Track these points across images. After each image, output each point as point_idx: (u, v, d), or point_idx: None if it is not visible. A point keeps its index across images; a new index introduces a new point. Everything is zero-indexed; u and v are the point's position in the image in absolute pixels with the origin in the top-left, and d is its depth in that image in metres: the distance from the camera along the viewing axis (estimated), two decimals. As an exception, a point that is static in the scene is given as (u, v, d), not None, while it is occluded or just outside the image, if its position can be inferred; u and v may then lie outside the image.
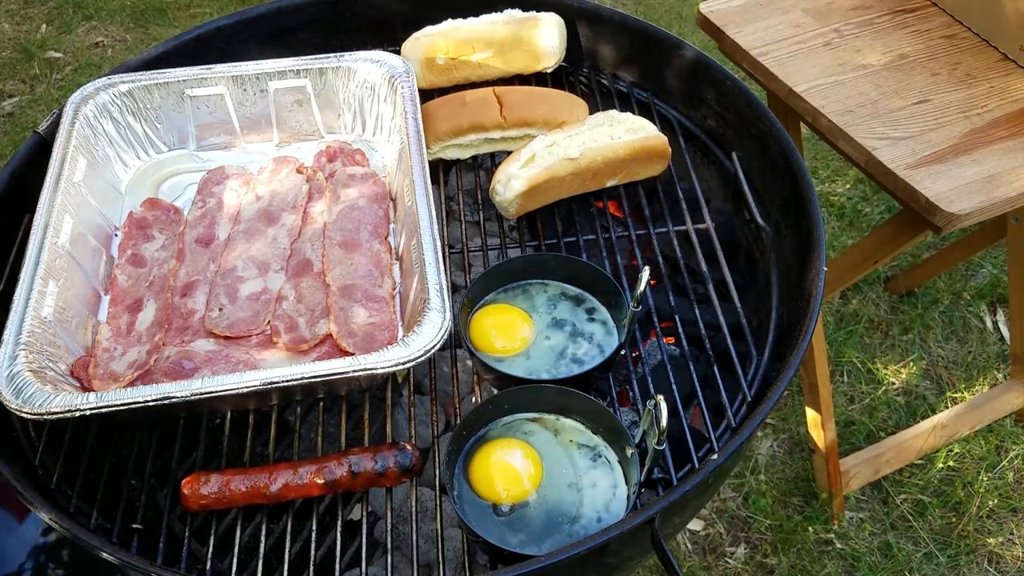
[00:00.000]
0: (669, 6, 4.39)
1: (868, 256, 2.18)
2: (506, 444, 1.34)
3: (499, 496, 1.29)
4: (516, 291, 1.56)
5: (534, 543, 1.25)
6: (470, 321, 1.49)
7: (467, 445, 1.35)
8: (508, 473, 1.30)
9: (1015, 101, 1.93)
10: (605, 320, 1.51)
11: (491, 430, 1.37)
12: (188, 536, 1.32)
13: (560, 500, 1.30)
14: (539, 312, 1.52)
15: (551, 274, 1.56)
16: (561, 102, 1.82)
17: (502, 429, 1.38)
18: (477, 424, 1.37)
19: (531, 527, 1.27)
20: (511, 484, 1.29)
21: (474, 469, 1.32)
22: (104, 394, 1.25)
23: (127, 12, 4.35)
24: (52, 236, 1.45)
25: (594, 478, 1.32)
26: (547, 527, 1.27)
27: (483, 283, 1.53)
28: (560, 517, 1.28)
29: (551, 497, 1.30)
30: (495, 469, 1.31)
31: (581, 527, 1.27)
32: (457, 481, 1.31)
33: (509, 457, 1.32)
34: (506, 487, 1.29)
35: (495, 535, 1.25)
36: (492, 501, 1.29)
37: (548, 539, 1.26)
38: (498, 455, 1.32)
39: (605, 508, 1.29)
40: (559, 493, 1.31)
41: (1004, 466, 2.63)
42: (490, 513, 1.29)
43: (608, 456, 1.35)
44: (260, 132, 1.82)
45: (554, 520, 1.28)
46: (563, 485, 1.32)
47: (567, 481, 1.32)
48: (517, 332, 1.48)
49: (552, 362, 1.45)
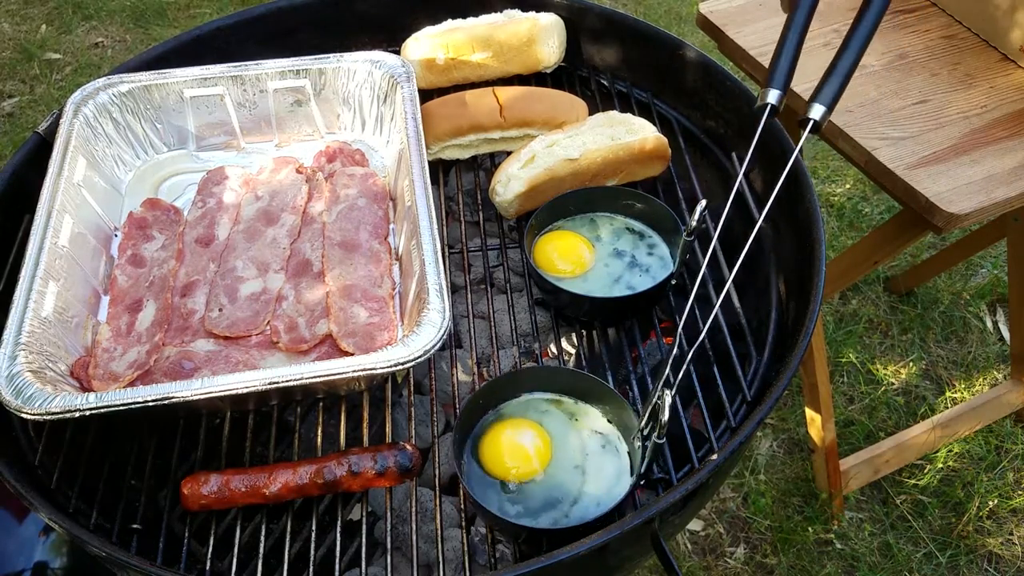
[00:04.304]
0: (668, 6, 4.39)
1: (868, 256, 2.18)
2: (518, 424, 1.37)
3: (506, 474, 1.32)
4: (583, 220, 1.67)
5: (530, 517, 1.28)
6: (535, 244, 1.61)
7: (483, 418, 1.38)
8: (517, 453, 1.33)
9: (1015, 101, 1.93)
10: (663, 256, 1.61)
11: (508, 406, 1.41)
12: (188, 536, 1.32)
13: (564, 481, 1.32)
14: (602, 242, 1.63)
15: (619, 208, 1.66)
16: (561, 102, 1.82)
17: (518, 406, 1.41)
18: (494, 396, 1.40)
19: (531, 502, 1.30)
20: (519, 463, 1.33)
21: (485, 444, 1.35)
22: (104, 394, 1.24)
23: (127, 12, 4.36)
24: (52, 236, 1.45)
25: (601, 464, 1.34)
26: (546, 504, 1.30)
27: (549, 211, 1.63)
28: (561, 496, 1.31)
29: (555, 476, 1.33)
30: (505, 449, 1.34)
31: (579, 509, 1.29)
32: (466, 453, 1.34)
33: (520, 437, 1.35)
34: (514, 466, 1.32)
35: (495, 505, 1.28)
36: (499, 478, 1.32)
37: (545, 515, 1.28)
38: (509, 435, 1.36)
39: (607, 494, 1.31)
40: (564, 474, 1.33)
41: (1004, 466, 2.63)
42: (493, 485, 1.32)
43: (618, 445, 1.37)
44: (260, 132, 1.82)
45: (554, 498, 1.30)
46: (569, 466, 1.34)
47: (574, 463, 1.34)
48: (576, 255, 1.59)
49: (608, 286, 1.56)
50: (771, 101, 1.42)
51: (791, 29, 1.45)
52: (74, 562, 1.88)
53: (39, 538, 1.87)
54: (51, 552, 1.87)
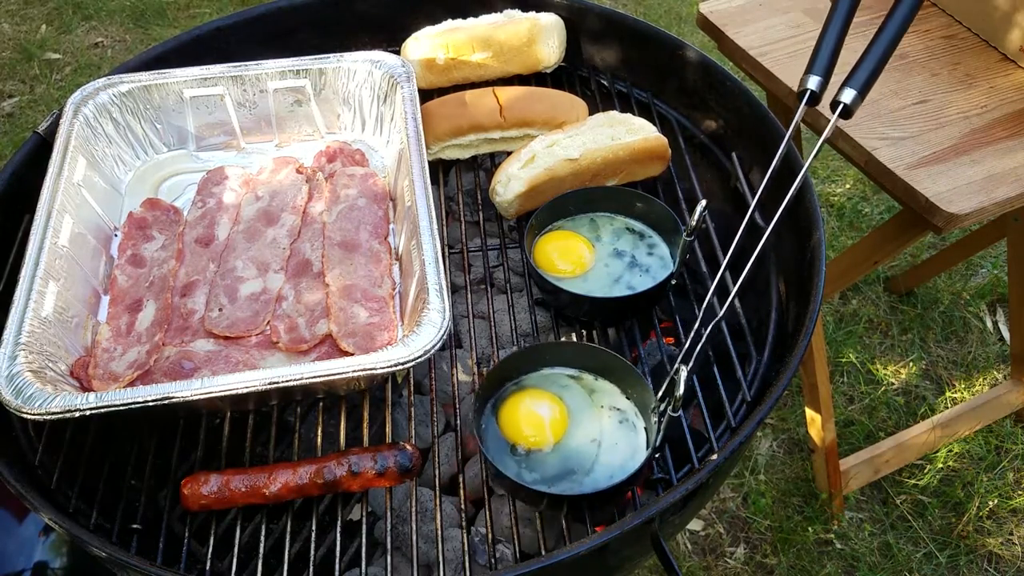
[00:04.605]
0: (668, 7, 4.39)
1: (868, 256, 2.18)
2: (538, 395, 1.41)
3: (523, 439, 1.35)
4: (583, 220, 1.66)
5: (545, 485, 1.32)
6: (535, 244, 1.61)
7: (504, 388, 1.41)
8: (534, 420, 1.37)
9: (1015, 101, 1.93)
10: (663, 256, 1.61)
11: (529, 377, 1.44)
12: (188, 536, 1.32)
13: (580, 452, 1.35)
14: (602, 242, 1.63)
15: (620, 208, 1.66)
16: (561, 102, 1.82)
17: (539, 378, 1.44)
18: (516, 369, 1.43)
19: (547, 470, 1.34)
20: (536, 431, 1.36)
21: (505, 410, 1.39)
22: (104, 394, 1.25)
23: (127, 12, 4.36)
24: (52, 236, 1.45)
25: (617, 439, 1.37)
26: (561, 473, 1.33)
27: (549, 211, 1.63)
28: (576, 467, 1.34)
29: (572, 448, 1.36)
30: (523, 415, 1.38)
31: (592, 480, 1.32)
32: (486, 419, 1.38)
33: (538, 407, 1.39)
34: (531, 432, 1.36)
35: (512, 471, 1.32)
36: (516, 442, 1.36)
37: (559, 484, 1.32)
38: (528, 403, 1.39)
39: (620, 467, 1.33)
40: (581, 446, 1.36)
41: (1004, 466, 2.63)
42: (510, 452, 1.35)
43: (635, 422, 1.39)
44: (260, 132, 1.82)
45: (569, 468, 1.34)
46: (586, 439, 1.37)
47: (591, 436, 1.37)
48: (576, 256, 1.59)
49: (608, 286, 1.56)
50: (811, 87, 1.42)
51: (835, 15, 1.45)
52: (74, 562, 1.88)
53: (39, 538, 1.87)
54: (51, 552, 1.87)
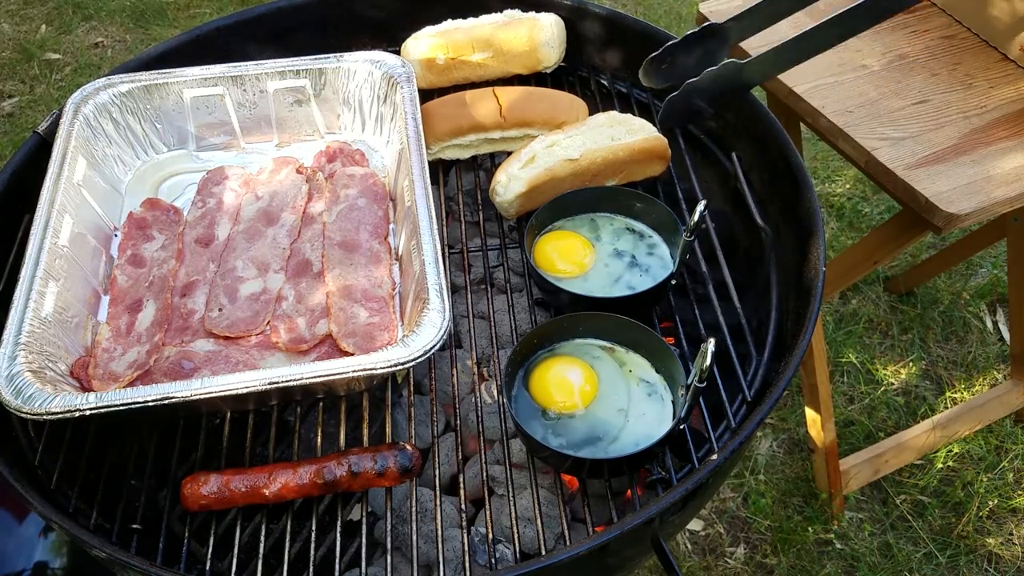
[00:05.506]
0: (668, 6, 4.39)
1: (868, 256, 2.18)
2: (570, 361, 1.44)
3: (552, 403, 1.38)
4: (583, 220, 1.67)
5: (572, 449, 1.35)
6: (535, 244, 1.61)
7: (537, 354, 1.45)
8: (563, 385, 1.40)
9: (1015, 101, 1.93)
10: (663, 256, 1.62)
11: (562, 346, 1.47)
12: (188, 536, 1.32)
13: (607, 420, 1.38)
14: (602, 242, 1.64)
15: (620, 209, 1.67)
16: (561, 102, 1.82)
17: (572, 347, 1.47)
18: (549, 337, 1.46)
19: (573, 436, 1.36)
20: (565, 395, 1.39)
21: (536, 375, 1.42)
22: (104, 394, 1.25)
23: (127, 12, 4.36)
24: (52, 236, 1.45)
25: (644, 409, 1.39)
26: (587, 439, 1.36)
27: (549, 211, 1.63)
28: (602, 434, 1.36)
29: (599, 415, 1.39)
30: (553, 379, 1.41)
31: (618, 447, 1.35)
32: (517, 383, 1.41)
33: (568, 372, 1.42)
34: (561, 397, 1.39)
35: (539, 434, 1.35)
36: (545, 406, 1.39)
37: (585, 449, 1.35)
38: (558, 368, 1.43)
39: (646, 437, 1.35)
40: (608, 414, 1.39)
41: (1004, 466, 2.63)
42: (539, 416, 1.38)
43: (663, 394, 1.41)
44: (260, 132, 1.82)
45: (595, 435, 1.36)
46: (614, 408, 1.39)
47: (618, 406, 1.40)
48: (577, 256, 1.60)
49: (608, 286, 1.57)
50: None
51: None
52: (74, 562, 1.88)
53: (39, 538, 1.87)
54: (51, 552, 1.87)
